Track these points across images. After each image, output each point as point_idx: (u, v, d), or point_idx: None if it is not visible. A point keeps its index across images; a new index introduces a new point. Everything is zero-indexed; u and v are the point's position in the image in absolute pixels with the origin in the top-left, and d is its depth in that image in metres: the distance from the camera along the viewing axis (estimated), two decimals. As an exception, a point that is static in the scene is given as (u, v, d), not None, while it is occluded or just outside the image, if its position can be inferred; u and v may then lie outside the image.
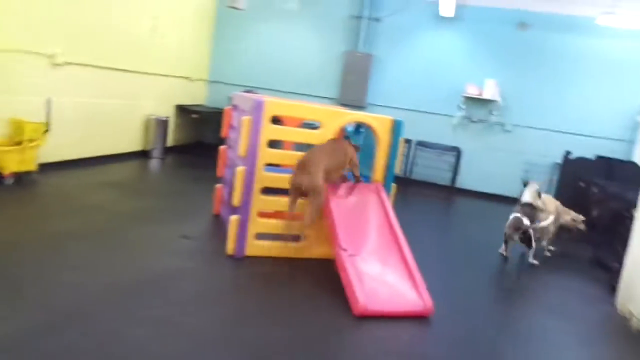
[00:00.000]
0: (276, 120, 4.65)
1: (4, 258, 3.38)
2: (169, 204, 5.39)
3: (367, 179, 4.40)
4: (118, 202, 5.14)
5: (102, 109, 6.82)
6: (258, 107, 3.90)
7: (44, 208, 4.64)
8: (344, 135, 4.56)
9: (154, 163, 7.55)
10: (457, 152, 8.55)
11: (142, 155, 7.75)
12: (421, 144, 8.68)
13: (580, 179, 6.70)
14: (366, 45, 8.84)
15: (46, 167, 5.78)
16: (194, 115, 8.58)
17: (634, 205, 4.26)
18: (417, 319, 3.40)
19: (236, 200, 4.01)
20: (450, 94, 8.61)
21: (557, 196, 7.12)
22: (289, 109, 4.23)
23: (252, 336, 2.87)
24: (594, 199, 5.69)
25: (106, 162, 6.88)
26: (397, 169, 4.40)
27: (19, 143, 5.22)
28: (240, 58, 9.41)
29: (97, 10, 6.40)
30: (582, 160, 7.31)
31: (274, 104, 3.97)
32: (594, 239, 5.63)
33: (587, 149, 7.83)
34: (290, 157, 4.26)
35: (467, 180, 8.64)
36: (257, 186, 4.01)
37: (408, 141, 8.61)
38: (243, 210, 4.02)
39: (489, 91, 8.26)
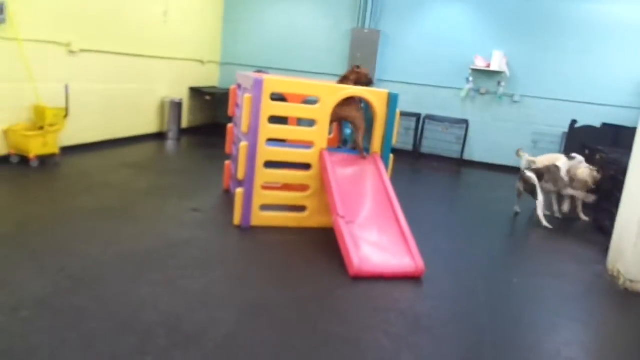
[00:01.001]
0: (282, 99, 4.90)
1: (27, 231, 3.73)
2: (181, 181, 5.69)
3: (367, 150, 4.60)
4: (133, 180, 5.46)
5: (119, 93, 7.13)
6: (258, 85, 4.12)
7: (65, 187, 4.98)
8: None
9: (170, 144, 7.87)
10: (465, 124, 8.64)
11: (159, 137, 8.08)
12: (430, 117, 8.78)
13: (585, 147, 6.75)
14: (373, 22, 8.93)
15: (68, 150, 6.15)
16: (207, 97, 8.84)
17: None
18: (409, 279, 3.63)
19: (241, 174, 4.27)
20: (458, 67, 8.67)
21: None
22: (287, 85, 4.44)
23: (253, 295, 3.15)
24: (596, 165, 5.76)
25: (124, 144, 7.22)
26: (395, 141, 4.57)
27: (41, 128, 5.56)
28: (250, 39, 9.60)
29: (109, -2, 6.68)
30: (588, 129, 7.35)
31: (272, 82, 4.18)
32: (595, 204, 5.73)
33: (595, 117, 7.86)
34: (290, 132, 4.50)
35: (476, 152, 8.75)
36: (259, 160, 4.25)
37: (417, 115, 8.74)
38: (247, 183, 4.28)
39: (496, 62, 8.29)
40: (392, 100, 4.47)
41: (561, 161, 5.65)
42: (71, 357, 2.33)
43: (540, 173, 5.56)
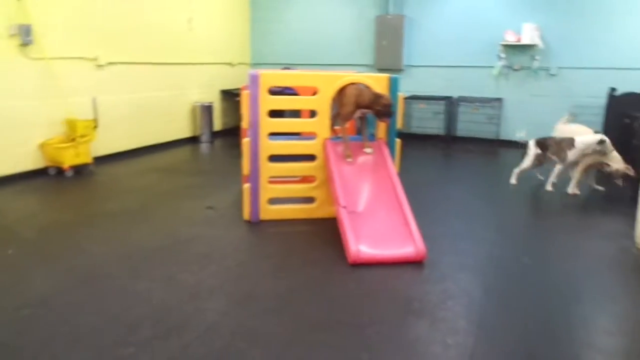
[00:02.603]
0: (295, 93, 4.95)
1: (47, 235, 4.00)
2: (205, 181, 5.87)
3: (372, 137, 4.55)
4: (159, 183, 5.70)
5: (149, 102, 7.45)
6: (254, 80, 4.17)
7: (93, 194, 5.28)
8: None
9: (203, 147, 8.12)
10: (499, 103, 8.30)
11: (192, 140, 8.36)
12: (463, 99, 8.50)
13: (626, 116, 6.30)
14: (397, 7, 8.76)
15: (103, 159, 6.51)
16: (237, 99, 9.02)
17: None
18: (410, 264, 3.55)
19: (245, 169, 4.35)
20: (488, 44, 8.33)
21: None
22: (284, 78, 4.47)
23: (246, 285, 3.21)
24: (634, 131, 5.39)
25: (158, 150, 7.54)
26: (399, 125, 4.49)
27: (73, 140, 5.92)
28: (278, 37, 9.71)
29: (133, 12, 6.97)
30: (629, 96, 6.83)
31: (268, 76, 4.21)
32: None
33: (638, 83, 7.29)
34: (291, 124, 4.52)
35: (513, 131, 8.35)
36: (263, 155, 4.31)
37: (447, 98, 8.50)
38: (253, 178, 4.35)
39: (528, 36, 7.90)
40: (393, 84, 4.38)
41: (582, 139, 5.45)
42: (59, 349, 2.48)
43: (546, 144, 5.71)
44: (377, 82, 4.37)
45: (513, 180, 5.91)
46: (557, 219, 4.82)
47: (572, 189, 5.48)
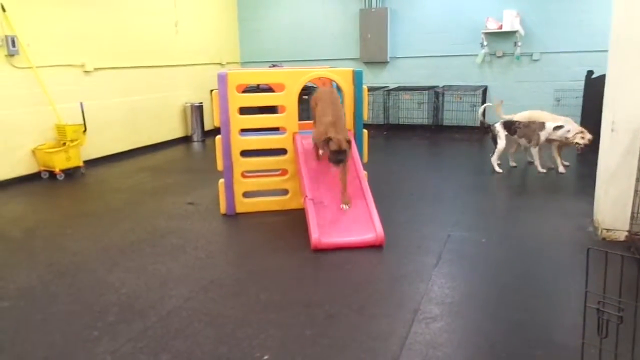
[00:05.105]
0: (270, 89, 5.16)
1: (32, 235, 4.25)
2: (190, 178, 6.09)
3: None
4: (146, 182, 5.93)
5: (140, 104, 7.69)
6: (222, 79, 4.38)
7: (82, 195, 5.53)
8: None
9: (194, 146, 8.35)
10: (484, 90, 8.41)
11: (184, 140, 8.60)
12: (448, 88, 8.62)
13: (602, 97, 6.38)
14: (379, 0, 8.90)
15: (96, 162, 6.79)
16: (227, 97, 9.23)
17: None
18: (371, 249, 3.74)
19: (219, 165, 4.56)
20: (470, 32, 8.45)
21: (582, 117, 6.93)
22: (251, 76, 4.66)
23: (212, 273, 3.42)
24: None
25: (151, 150, 7.79)
26: (365, 117, 4.66)
27: (64, 144, 6.18)
28: (266, 35, 9.90)
29: (118, 19, 7.22)
30: (605, 78, 6.91)
31: (235, 75, 4.42)
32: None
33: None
34: (261, 120, 4.71)
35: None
36: (235, 151, 4.52)
37: (431, 88, 8.63)
38: (227, 173, 4.56)
39: (508, 22, 8.00)
40: (357, 77, 4.55)
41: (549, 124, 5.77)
42: (31, 334, 2.72)
43: (513, 127, 5.91)
44: (342, 77, 4.54)
45: (498, 169, 5.86)
46: (525, 200, 4.96)
47: (540, 167, 5.81)
